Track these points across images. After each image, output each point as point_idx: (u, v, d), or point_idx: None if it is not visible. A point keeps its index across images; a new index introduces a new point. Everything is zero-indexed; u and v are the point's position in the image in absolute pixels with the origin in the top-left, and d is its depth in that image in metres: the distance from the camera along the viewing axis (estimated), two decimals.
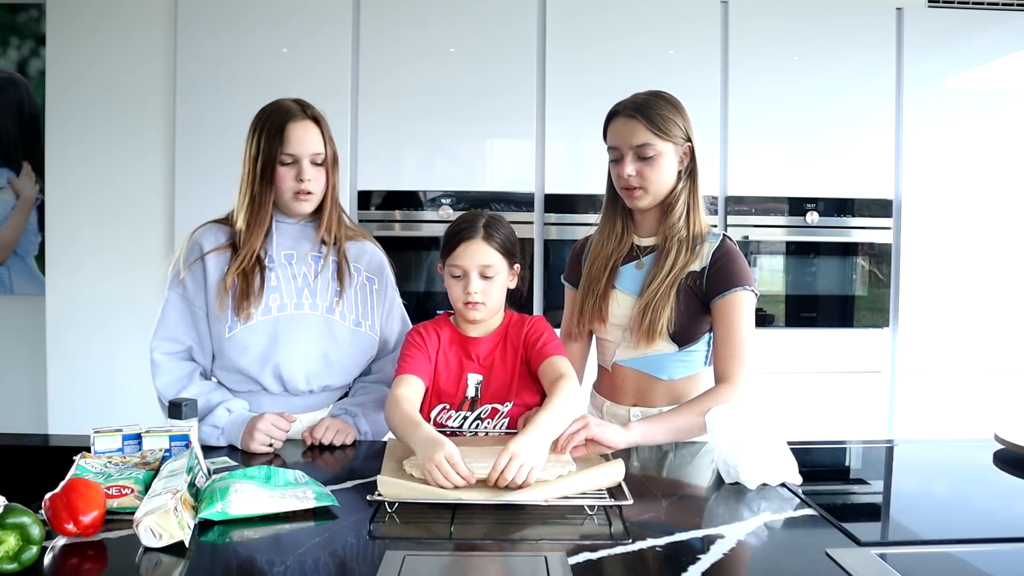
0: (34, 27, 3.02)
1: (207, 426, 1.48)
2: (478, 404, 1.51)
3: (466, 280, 1.46)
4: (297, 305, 1.55)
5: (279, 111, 1.53)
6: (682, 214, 1.53)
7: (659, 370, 1.55)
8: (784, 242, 2.81)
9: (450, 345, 1.53)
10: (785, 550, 1.05)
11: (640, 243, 1.60)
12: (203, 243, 1.56)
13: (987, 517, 1.22)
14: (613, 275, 1.59)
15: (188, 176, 2.71)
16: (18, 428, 3.01)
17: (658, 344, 1.52)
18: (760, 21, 2.79)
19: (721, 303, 1.50)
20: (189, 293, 1.55)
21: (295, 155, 1.51)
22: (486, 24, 2.74)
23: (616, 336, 1.59)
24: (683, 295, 1.51)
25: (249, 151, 1.53)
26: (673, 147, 1.51)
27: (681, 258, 1.51)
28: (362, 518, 1.11)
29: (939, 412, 2.82)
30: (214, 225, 1.59)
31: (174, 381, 1.53)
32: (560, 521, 1.11)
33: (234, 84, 2.69)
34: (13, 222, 3.06)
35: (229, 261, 1.54)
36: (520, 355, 1.51)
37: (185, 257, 1.56)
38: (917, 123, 2.82)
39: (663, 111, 1.50)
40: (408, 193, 2.73)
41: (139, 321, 2.76)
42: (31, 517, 0.93)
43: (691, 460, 1.45)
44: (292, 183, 1.52)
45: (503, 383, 1.51)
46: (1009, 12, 2.85)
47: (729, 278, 1.50)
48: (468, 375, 1.51)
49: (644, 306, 1.51)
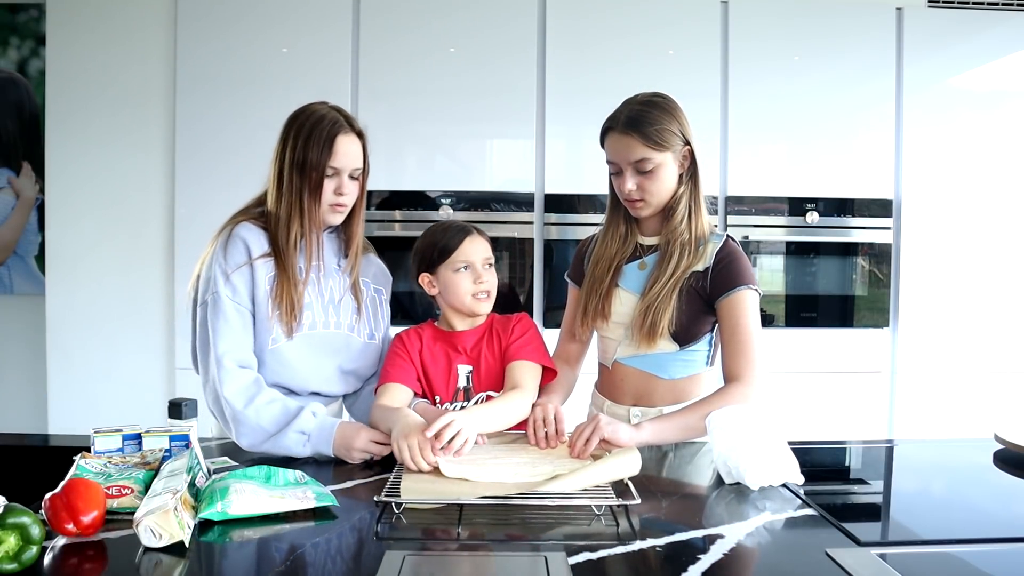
0: (34, 27, 3.02)
1: (293, 432, 1.40)
2: (472, 393, 1.55)
3: (474, 271, 1.53)
4: (324, 324, 1.54)
5: (326, 120, 1.49)
6: (684, 217, 1.53)
7: (660, 369, 1.55)
8: (784, 242, 2.81)
9: (434, 342, 1.58)
10: (785, 550, 1.05)
11: (644, 242, 1.60)
12: (250, 245, 1.49)
13: (987, 517, 1.22)
14: (617, 274, 1.59)
15: (188, 176, 2.71)
16: (18, 428, 3.01)
17: (659, 344, 1.52)
18: (760, 21, 2.79)
19: (726, 302, 1.50)
20: (241, 297, 1.48)
21: (338, 168, 1.50)
22: (486, 24, 2.74)
23: (618, 334, 1.59)
24: (685, 295, 1.51)
25: (290, 156, 1.49)
26: (671, 155, 1.50)
27: (684, 261, 1.51)
28: (362, 518, 1.11)
29: (939, 412, 2.82)
30: (251, 225, 1.52)
31: (242, 389, 1.44)
32: (569, 521, 1.11)
33: (234, 84, 2.69)
34: (13, 222, 3.06)
35: (275, 271, 1.50)
36: (505, 345, 1.57)
37: (231, 256, 1.49)
38: (917, 123, 2.82)
39: (657, 123, 1.48)
40: (408, 193, 2.73)
41: (139, 321, 2.77)
42: (31, 517, 0.93)
43: (691, 460, 1.45)
44: (331, 195, 1.51)
45: (494, 371, 1.56)
46: (1009, 12, 2.85)
47: (733, 277, 1.50)
48: (457, 366, 1.55)
49: (645, 308, 1.51)
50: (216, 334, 1.46)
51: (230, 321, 1.47)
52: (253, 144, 2.70)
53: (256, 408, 1.42)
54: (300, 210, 1.49)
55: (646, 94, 1.54)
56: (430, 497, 1.15)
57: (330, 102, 1.57)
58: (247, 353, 1.48)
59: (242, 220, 1.54)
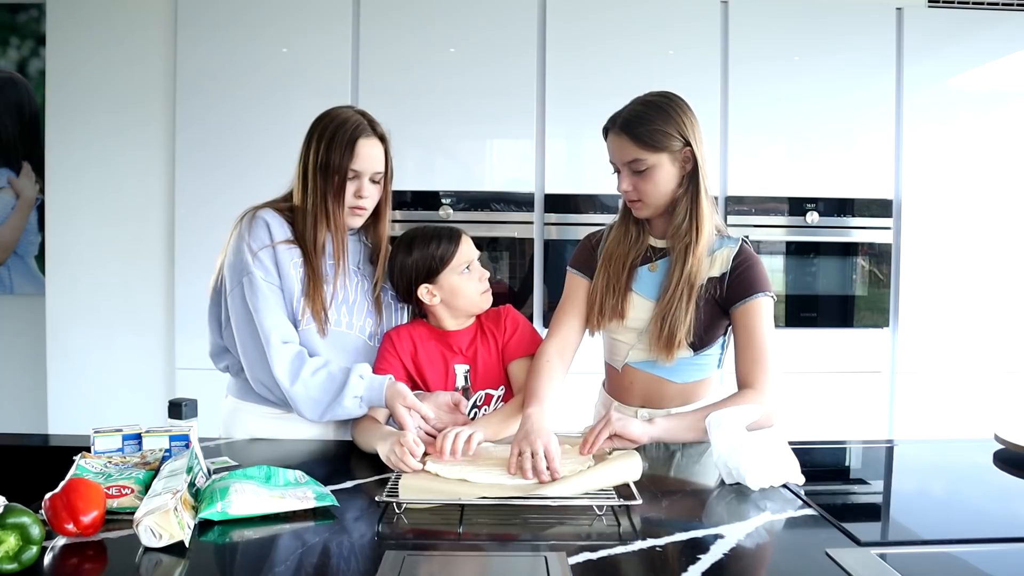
0: (34, 27, 3.02)
1: (349, 398, 1.44)
2: (471, 393, 1.56)
3: (476, 270, 1.56)
4: (336, 323, 1.54)
5: (348, 123, 1.51)
6: (684, 219, 1.50)
7: (672, 374, 1.54)
8: (784, 242, 2.81)
9: (428, 340, 1.58)
10: (785, 550, 1.05)
11: (654, 244, 1.58)
12: (272, 229, 1.50)
13: (987, 517, 1.22)
14: (631, 277, 1.57)
15: (188, 176, 2.71)
16: (18, 428, 3.01)
17: (677, 354, 1.50)
18: (760, 21, 2.79)
19: (742, 309, 1.48)
20: (272, 276, 1.50)
21: (359, 171, 1.51)
22: (486, 24, 2.74)
23: (630, 339, 1.57)
24: (703, 304, 1.49)
25: (314, 159, 1.50)
26: (668, 156, 1.47)
27: (693, 265, 1.48)
28: (362, 518, 1.11)
29: (939, 412, 2.82)
30: (275, 212, 1.54)
31: (288, 366, 1.46)
32: (570, 521, 1.11)
33: (234, 84, 2.69)
34: (13, 222, 3.06)
35: (301, 260, 1.51)
36: (500, 342, 1.58)
37: (256, 235, 1.50)
38: (917, 123, 2.82)
39: (651, 124, 1.46)
40: (408, 193, 2.73)
41: (139, 321, 2.77)
42: (31, 517, 0.93)
43: (691, 460, 1.45)
44: (351, 198, 1.52)
45: (490, 368, 1.57)
46: (1009, 12, 2.85)
47: (750, 284, 1.48)
48: (455, 366, 1.56)
49: (661, 317, 1.49)
50: (259, 313, 1.48)
51: (268, 299, 1.49)
52: (253, 144, 2.73)
53: (304, 383, 1.45)
54: (326, 212, 1.51)
55: (651, 93, 1.52)
56: (431, 497, 1.15)
57: (355, 106, 1.58)
58: (288, 328, 1.50)
59: (266, 207, 1.55)
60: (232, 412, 1.61)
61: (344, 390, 1.45)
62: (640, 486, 1.20)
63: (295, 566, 0.95)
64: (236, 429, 1.59)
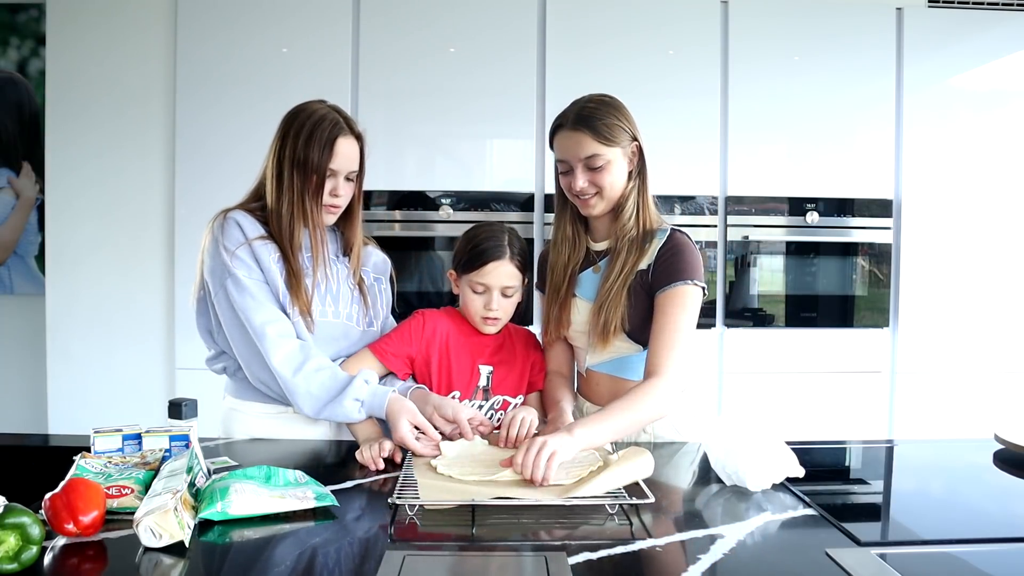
0: (34, 27, 3.02)
1: (349, 400, 1.44)
2: (490, 394, 1.57)
3: (488, 297, 1.56)
4: (322, 313, 1.54)
5: (326, 121, 1.49)
6: (632, 214, 1.52)
7: (628, 371, 1.55)
8: (784, 242, 2.81)
9: (458, 334, 1.60)
10: (785, 550, 1.05)
11: (596, 248, 1.60)
12: (244, 228, 1.49)
13: (987, 517, 1.22)
14: (573, 283, 1.59)
15: (188, 176, 2.71)
16: (18, 428, 3.01)
17: (614, 344, 1.51)
18: (760, 21, 2.79)
19: (662, 297, 1.48)
20: (255, 272, 1.48)
21: (336, 170, 1.51)
22: (486, 24, 2.74)
23: (583, 342, 1.60)
24: (634, 293, 1.50)
25: (290, 155, 1.48)
26: (620, 151, 1.50)
27: (632, 258, 1.51)
28: (362, 518, 1.11)
29: (939, 412, 2.83)
30: (245, 212, 1.52)
31: (288, 357, 1.45)
32: (581, 520, 1.11)
33: (234, 84, 2.69)
34: (13, 222, 3.06)
35: (278, 255, 1.50)
36: (526, 362, 1.63)
37: (230, 236, 1.48)
38: (917, 123, 2.82)
39: (606, 119, 1.48)
40: (408, 193, 2.73)
41: (139, 321, 2.77)
42: (31, 517, 0.93)
43: (691, 460, 1.45)
44: (326, 196, 1.51)
45: (511, 378, 1.60)
46: (1009, 12, 2.85)
47: (673, 272, 1.48)
48: (480, 365, 1.58)
49: (598, 308, 1.51)
50: (247, 311, 1.46)
51: (256, 296, 1.47)
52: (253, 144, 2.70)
53: (305, 376, 1.45)
54: (303, 211, 1.50)
55: (594, 94, 1.54)
56: (445, 498, 1.14)
57: (328, 101, 1.56)
58: (283, 321, 1.48)
59: (236, 209, 1.54)
60: (229, 413, 1.60)
61: (346, 390, 1.45)
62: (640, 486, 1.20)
63: (295, 566, 0.95)
64: (235, 430, 1.58)
